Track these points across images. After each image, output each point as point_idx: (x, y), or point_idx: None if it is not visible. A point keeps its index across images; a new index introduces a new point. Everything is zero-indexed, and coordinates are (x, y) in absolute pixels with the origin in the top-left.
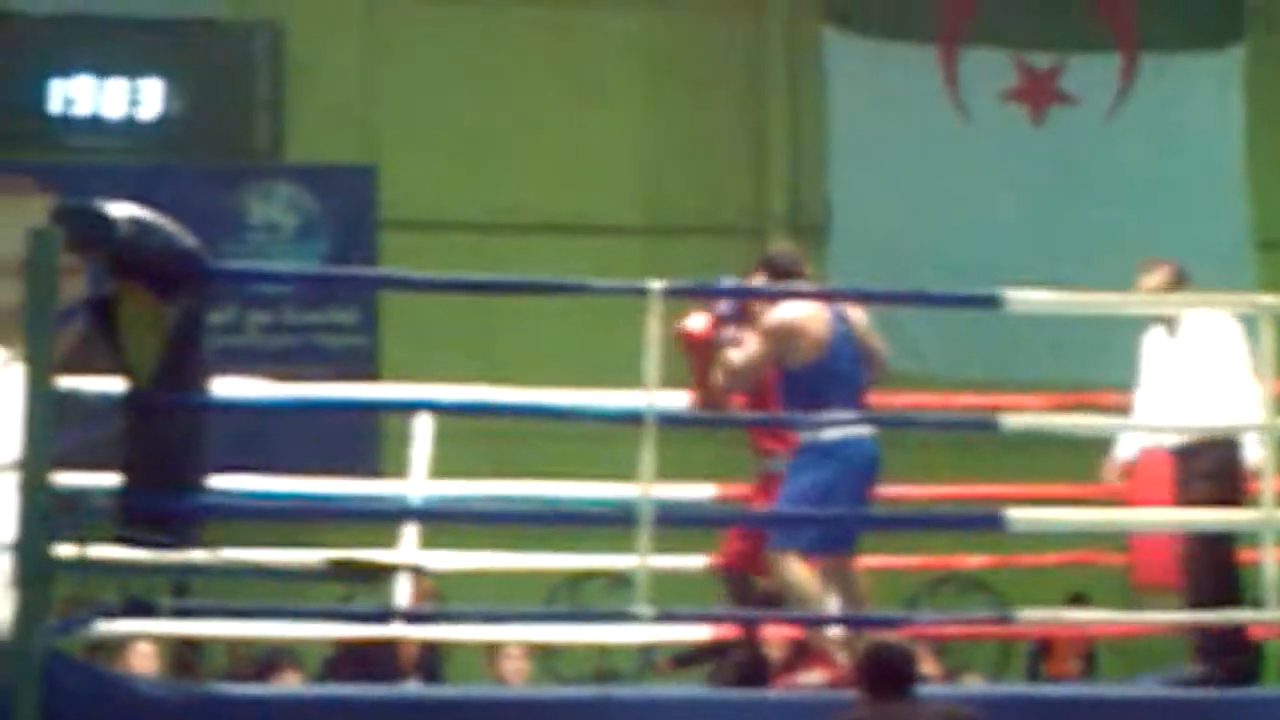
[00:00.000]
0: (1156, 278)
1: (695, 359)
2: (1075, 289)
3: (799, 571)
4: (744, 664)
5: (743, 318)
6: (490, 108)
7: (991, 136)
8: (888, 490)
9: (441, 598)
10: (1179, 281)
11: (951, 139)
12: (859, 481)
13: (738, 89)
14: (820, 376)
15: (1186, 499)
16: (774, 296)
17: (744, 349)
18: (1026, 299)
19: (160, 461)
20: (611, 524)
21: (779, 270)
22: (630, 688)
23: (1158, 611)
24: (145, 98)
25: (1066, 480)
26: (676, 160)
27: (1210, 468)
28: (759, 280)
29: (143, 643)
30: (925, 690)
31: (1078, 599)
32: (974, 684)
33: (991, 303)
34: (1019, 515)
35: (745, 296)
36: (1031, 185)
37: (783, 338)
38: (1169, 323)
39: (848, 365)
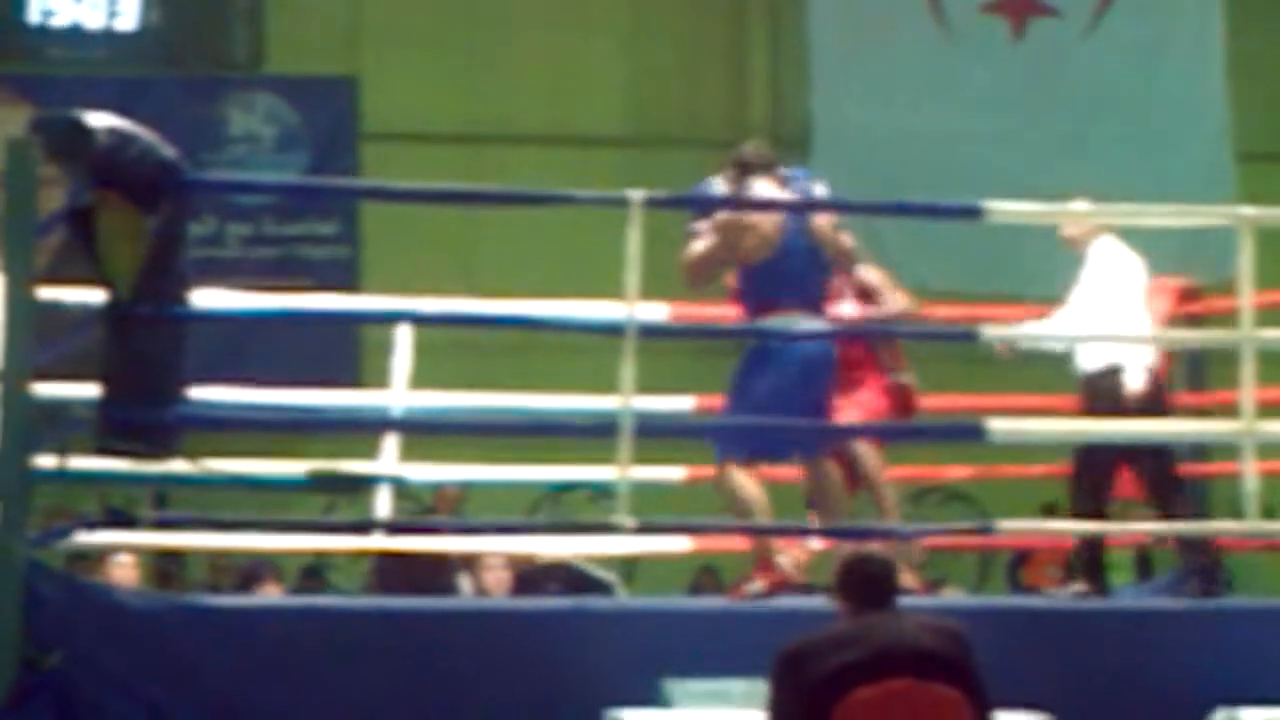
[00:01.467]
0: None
1: None
2: (1055, 201)
3: (738, 480)
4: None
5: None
6: (473, 19)
7: (972, 48)
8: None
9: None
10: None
11: (932, 51)
12: (803, 384)
13: (720, 1)
14: (770, 275)
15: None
16: (751, 207)
17: (695, 243)
18: (1006, 210)
19: (140, 373)
20: (592, 435)
21: (748, 167)
22: (606, 600)
23: (1136, 522)
24: (124, 8)
25: (1046, 392)
26: (660, 72)
27: (1100, 392)
28: (728, 176)
29: (122, 555)
30: (906, 601)
31: (1051, 509)
32: (954, 595)
33: (971, 213)
34: (999, 426)
35: (724, 206)
36: (1011, 98)
37: (730, 233)
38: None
39: (799, 265)
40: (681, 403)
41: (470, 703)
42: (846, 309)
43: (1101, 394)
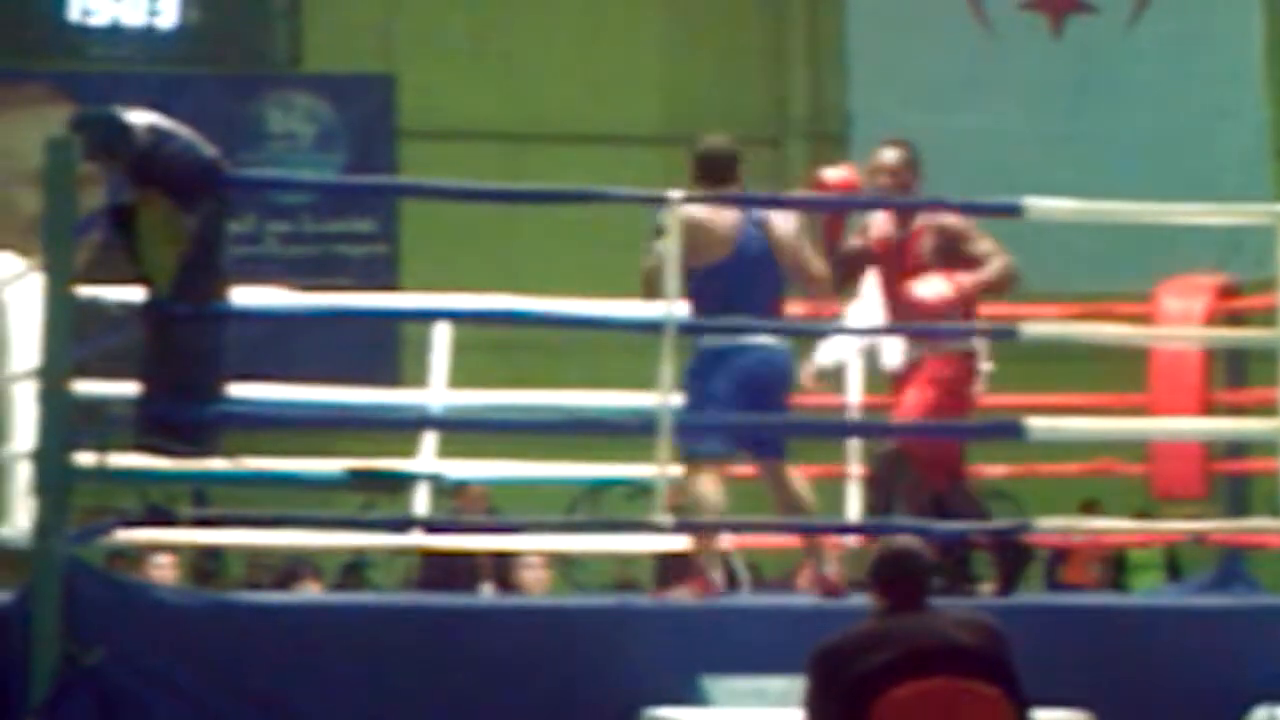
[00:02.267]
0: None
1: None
2: (1094, 198)
3: (699, 482)
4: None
5: None
6: (510, 16)
7: (1011, 46)
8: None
9: (492, 505)
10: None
11: (971, 48)
12: (748, 389)
13: None
14: (723, 278)
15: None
16: (789, 206)
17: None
18: (1046, 207)
19: (180, 370)
20: (631, 433)
21: (709, 174)
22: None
23: (1177, 521)
24: (163, 6)
25: (1085, 390)
26: (698, 69)
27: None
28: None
29: (162, 553)
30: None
31: (1090, 506)
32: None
33: (1011, 210)
34: (1039, 424)
35: (760, 205)
36: (1050, 94)
37: (683, 235)
38: None
39: (754, 269)
40: None
41: (508, 700)
42: (934, 284)
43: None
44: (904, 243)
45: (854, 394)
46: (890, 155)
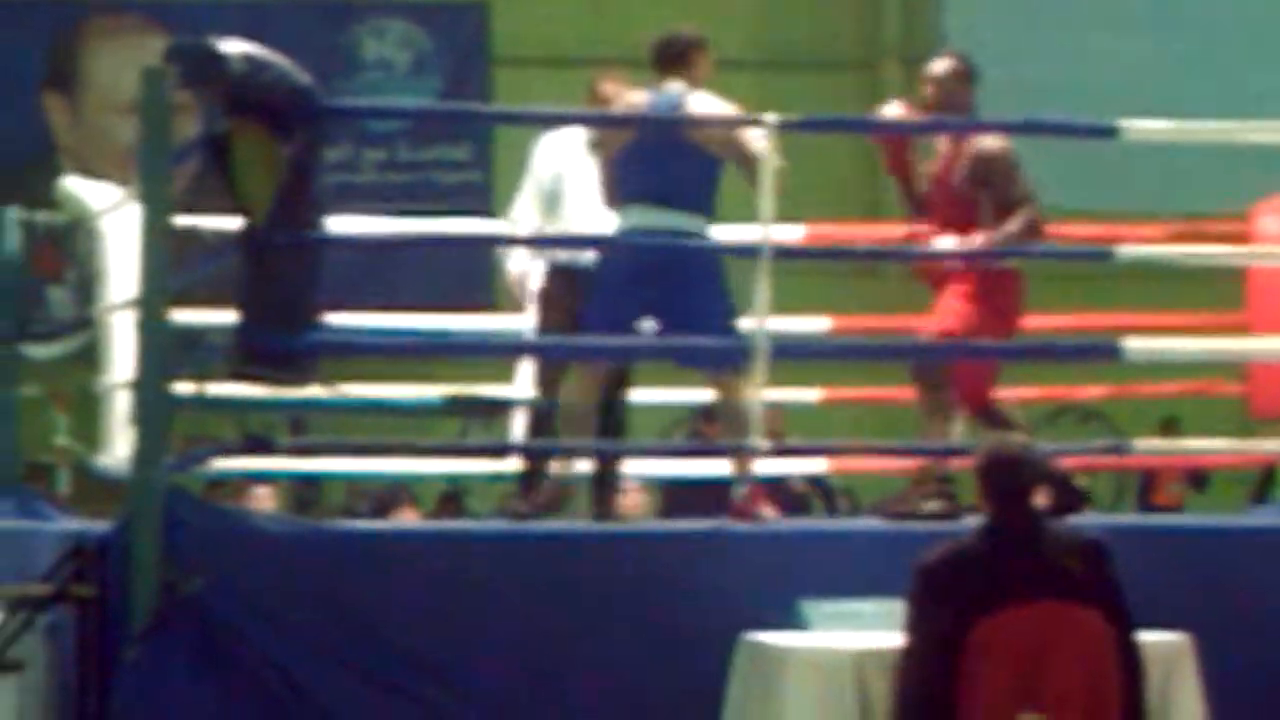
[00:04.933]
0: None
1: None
2: (1186, 118)
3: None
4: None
5: None
6: None
7: None
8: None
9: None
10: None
11: None
12: (612, 292)
13: None
14: (622, 169)
15: None
16: (888, 129)
17: None
18: (1142, 128)
19: (277, 299)
20: (728, 358)
21: (655, 62)
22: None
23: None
24: None
25: (1182, 310)
26: None
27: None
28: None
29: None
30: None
31: (1169, 426)
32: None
33: (1106, 132)
34: (1135, 345)
35: (858, 130)
36: (1143, 15)
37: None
38: None
39: (657, 158)
40: (816, 324)
41: (606, 626)
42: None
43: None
44: (948, 164)
45: None
46: (938, 66)
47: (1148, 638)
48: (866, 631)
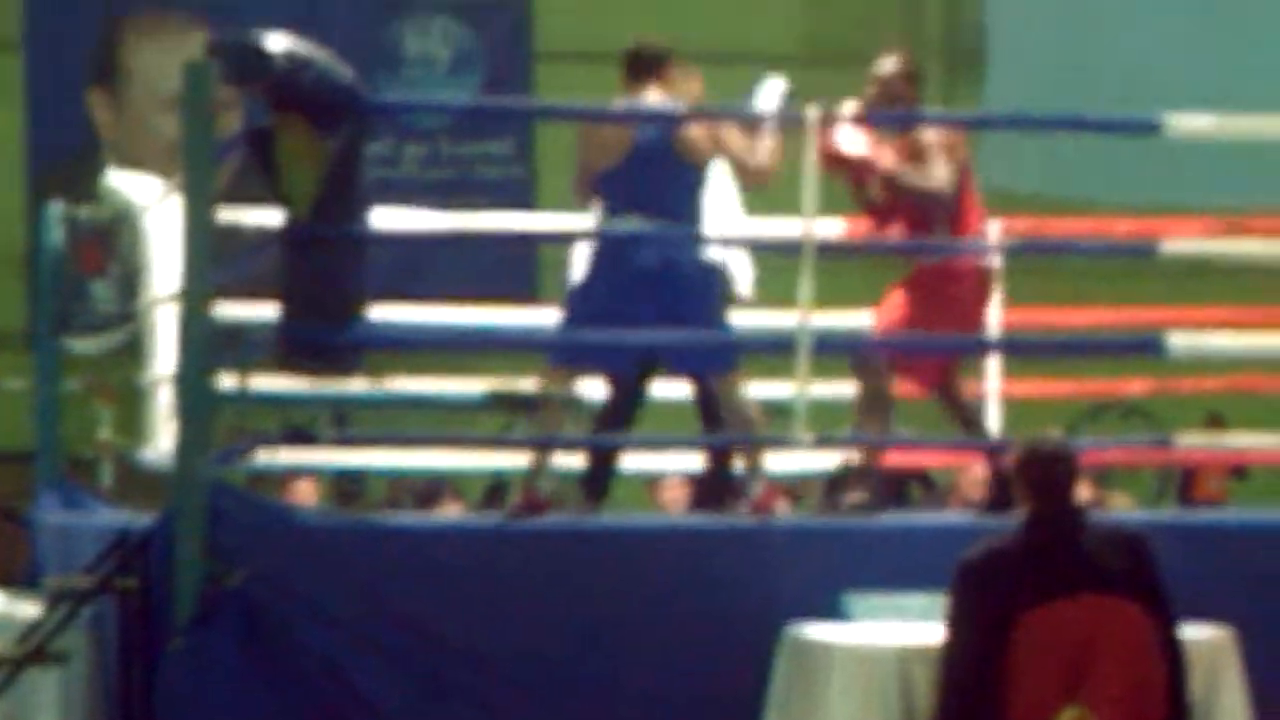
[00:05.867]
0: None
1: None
2: (1234, 111)
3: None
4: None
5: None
6: None
7: None
8: (1046, 316)
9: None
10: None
11: None
12: (635, 297)
13: None
14: (613, 182)
15: None
16: (934, 123)
17: None
18: (1185, 123)
19: (320, 293)
20: (770, 352)
21: (628, 73)
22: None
23: None
24: None
25: (1226, 305)
26: None
27: None
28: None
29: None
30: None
31: (1215, 421)
32: (1123, 506)
33: (1149, 128)
34: (1179, 340)
35: (898, 123)
36: (1187, 9)
37: (580, 139)
38: None
39: (649, 173)
40: (858, 319)
41: (651, 620)
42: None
43: None
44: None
45: None
46: (884, 66)
47: (1190, 633)
48: (910, 624)
